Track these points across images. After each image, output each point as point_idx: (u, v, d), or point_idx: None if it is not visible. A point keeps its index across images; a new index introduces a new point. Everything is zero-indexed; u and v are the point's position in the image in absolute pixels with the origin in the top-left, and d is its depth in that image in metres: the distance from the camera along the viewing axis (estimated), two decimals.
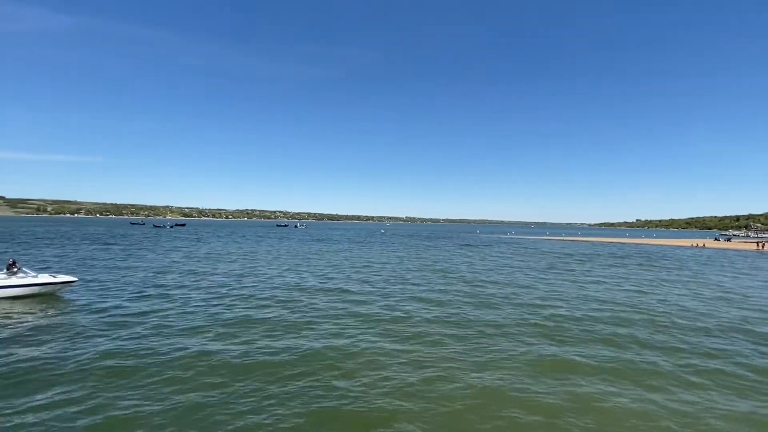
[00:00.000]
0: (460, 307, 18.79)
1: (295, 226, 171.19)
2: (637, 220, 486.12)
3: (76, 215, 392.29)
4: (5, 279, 17.98)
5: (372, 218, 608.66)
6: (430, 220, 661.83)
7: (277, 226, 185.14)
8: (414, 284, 25.17)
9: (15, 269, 18.61)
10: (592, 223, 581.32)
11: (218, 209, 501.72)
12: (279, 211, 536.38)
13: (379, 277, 27.69)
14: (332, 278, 26.83)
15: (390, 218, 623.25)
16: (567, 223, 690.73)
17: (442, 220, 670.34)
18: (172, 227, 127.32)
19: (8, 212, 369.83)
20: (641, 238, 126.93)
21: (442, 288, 23.99)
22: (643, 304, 20.33)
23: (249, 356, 11.67)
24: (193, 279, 25.20)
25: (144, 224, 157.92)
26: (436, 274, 29.84)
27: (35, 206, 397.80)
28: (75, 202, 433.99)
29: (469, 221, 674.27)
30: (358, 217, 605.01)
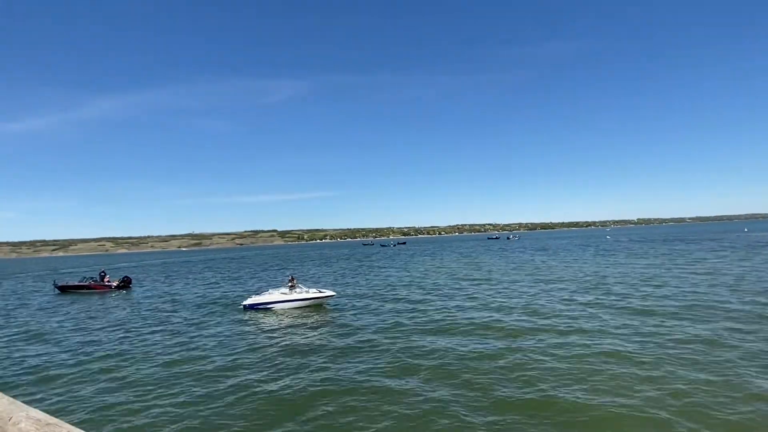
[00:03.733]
0: None
1: (507, 238, 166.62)
2: None
3: (323, 240, 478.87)
4: (289, 294, 22.38)
5: (592, 224, 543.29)
6: (672, 220, 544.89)
7: (488, 239, 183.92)
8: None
9: (293, 284, 23.02)
10: None
11: (431, 226, 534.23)
12: (488, 224, 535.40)
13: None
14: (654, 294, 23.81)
15: (615, 222, 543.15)
16: None
17: (689, 219, 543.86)
18: (395, 245, 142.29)
19: (280, 241, 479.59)
20: None
21: None
22: None
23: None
24: (467, 288, 26.24)
25: (373, 245, 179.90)
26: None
27: (296, 235, 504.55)
28: (323, 230, 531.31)
29: (728, 218, 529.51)
30: (576, 224, 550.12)
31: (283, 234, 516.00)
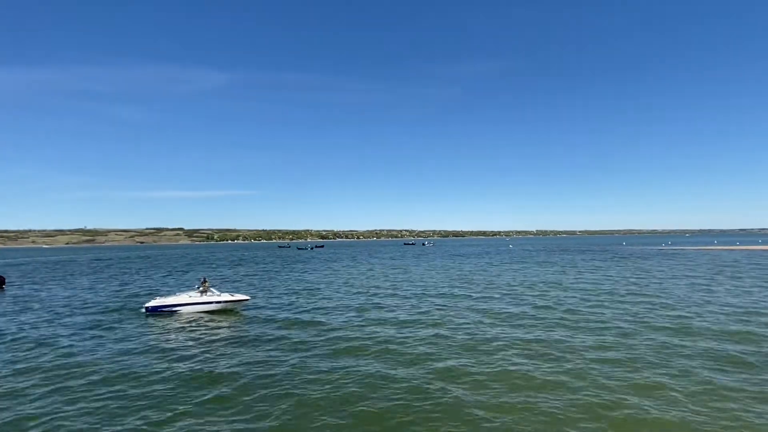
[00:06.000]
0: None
1: (423, 244, 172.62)
2: None
3: (236, 241, 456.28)
4: (199, 297, 20.91)
5: (498, 233, 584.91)
6: (565, 232, 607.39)
7: (405, 244, 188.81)
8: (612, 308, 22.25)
9: (204, 288, 21.55)
10: None
11: (350, 230, 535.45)
12: (405, 230, 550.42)
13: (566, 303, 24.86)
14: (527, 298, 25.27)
15: (518, 232, 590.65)
16: (741, 230, 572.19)
17: (579, 232, 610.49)
18: (312, 248, 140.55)
19: (186, 240, 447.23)
20: None
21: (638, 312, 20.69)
22: None
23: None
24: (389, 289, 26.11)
25: (290, 247, 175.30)
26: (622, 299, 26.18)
27: (205, 235, 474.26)
28: (235, 230, 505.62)
29: (609, 232, 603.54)
30: (484, 233, 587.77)
31: (190, 233, 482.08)
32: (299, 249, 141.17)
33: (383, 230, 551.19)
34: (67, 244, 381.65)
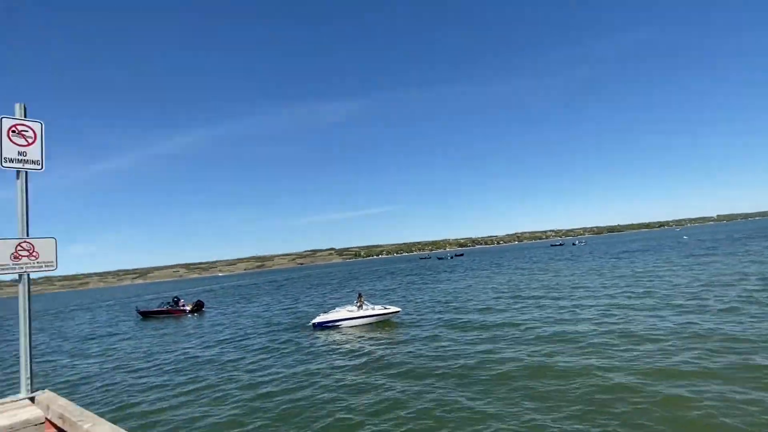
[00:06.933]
0: None
1: (573, 244, 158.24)
2: None
3: (380, 256, 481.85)
4: (357, 311, 22.45)
5: (665, 224, 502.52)
6: (758, 214, 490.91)
7: (552, 246, 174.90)
8: None
9: (361, 302, 22.99)
10: None
11: (489, 236, 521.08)
12: (550, 230, 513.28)
13: None
14: None
15: (692, 220, 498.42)
16: None
17: None
18: (452, 258, 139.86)
19: (338, 259, 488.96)
20: None
21: None
22: None
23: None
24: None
25: (430, 258, 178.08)
26: None
27: (354, 252, 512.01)
28: (379, 246, 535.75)
29: None
30: (646, 225, 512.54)
31: (340, 252, 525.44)
32: (439, 259, 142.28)
33: (525, 232, 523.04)
34: (245, 270, 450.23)
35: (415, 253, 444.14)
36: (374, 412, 10.14)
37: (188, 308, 39.83)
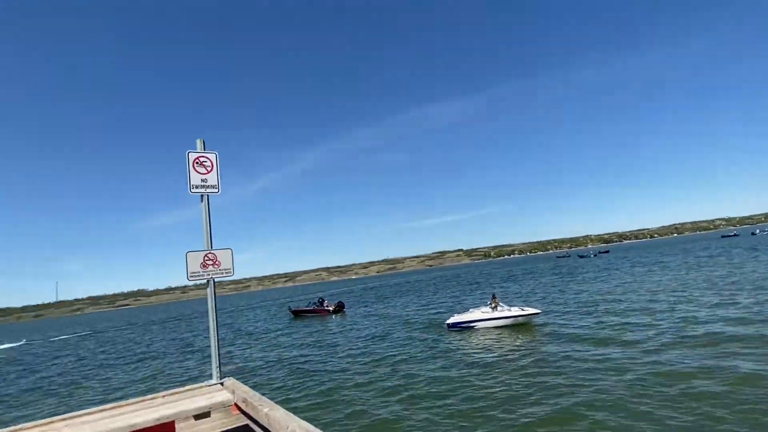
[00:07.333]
0: None
1: (752, 234, 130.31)
2: None
3: (512, 256, 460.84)
4: (491, 312, 21.82)
5: None
6: None
7: (723, 237, 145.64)
8: None
9: (495, 303, 22.28)
10: None
11: (639, 230, 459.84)
12: (719, 219, 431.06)
13: None
14: None
15: None
16: None
17: None
18: (595, 255, 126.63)
19: (466, 260, 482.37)
20: None
21: None
22: None
23: None
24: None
25: (569, 256, 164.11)
26: None
27: (483, 253, 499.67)
28: (510, 245, 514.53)
29: None
30: None
31: (469, 252, 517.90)
32: (580, 257, 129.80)
33: (686, 223, 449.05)
34: (377, 272, 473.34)
35: (551, 251, 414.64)
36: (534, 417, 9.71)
37: (331, 308, 43.43)
